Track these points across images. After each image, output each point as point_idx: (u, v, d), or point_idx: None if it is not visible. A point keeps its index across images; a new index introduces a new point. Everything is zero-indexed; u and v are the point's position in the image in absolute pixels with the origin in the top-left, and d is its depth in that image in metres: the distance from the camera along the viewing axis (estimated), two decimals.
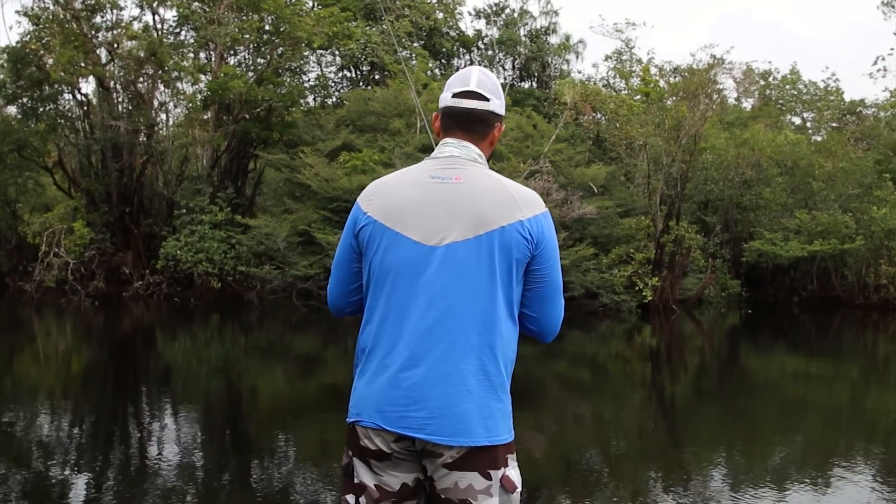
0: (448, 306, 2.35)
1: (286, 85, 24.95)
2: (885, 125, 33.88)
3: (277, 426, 9.11)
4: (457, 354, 2.34)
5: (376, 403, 2.37)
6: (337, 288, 2.67)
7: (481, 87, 2.52)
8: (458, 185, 2.42)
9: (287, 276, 20.51)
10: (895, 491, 7.05)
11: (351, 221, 2.53)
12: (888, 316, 24.25)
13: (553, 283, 2.50)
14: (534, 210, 2.43)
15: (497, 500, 2.36)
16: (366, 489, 2.42)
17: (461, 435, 2.31)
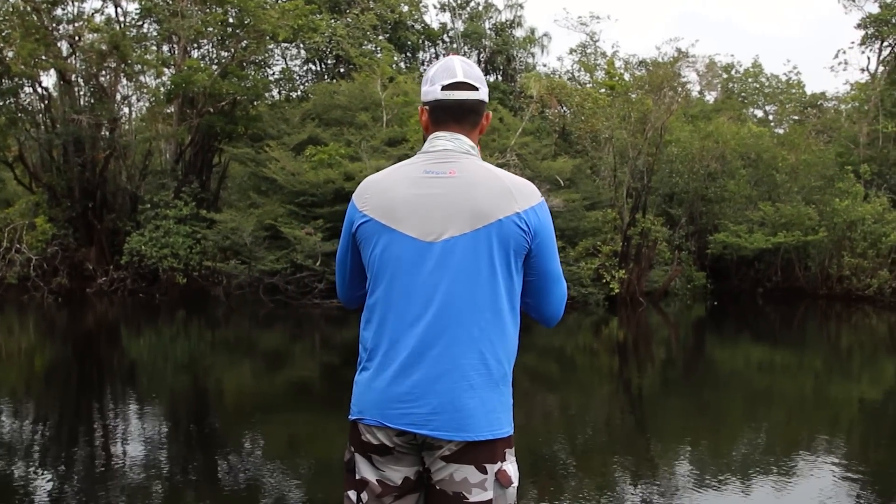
0: (448, 301, 2.34)
1: (251, 78, 24.77)
2: (847, 118, 34.29)
3: (244, 422, 9.06)
4: (458, 349, 2.34)
5: (378, 401, 2.38)
6: (342, 284, 2.71)
7: (469, 77, 2.51)
8: (454, 178, 2.42)
9: (254, 270, 20.39)
10: (857, 480, 7.16)
11: (348, 220, 2.52)
12: (851, 306, 24.56)
13: (552, 272, 2.51)
14: (530, 201, 2.42)
15: (491, 493, 2.36)
16: (367, 484, 2.43)
17: (464, 430, 2.32)
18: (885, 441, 9.00)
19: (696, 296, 26.06)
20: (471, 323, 2.34)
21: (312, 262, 19.69)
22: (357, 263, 2.55)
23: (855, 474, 7.33)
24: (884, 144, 30.00)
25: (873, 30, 33.50)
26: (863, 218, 25.36)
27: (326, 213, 20.12)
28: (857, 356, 16.33)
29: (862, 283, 25.57)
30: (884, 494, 6.74)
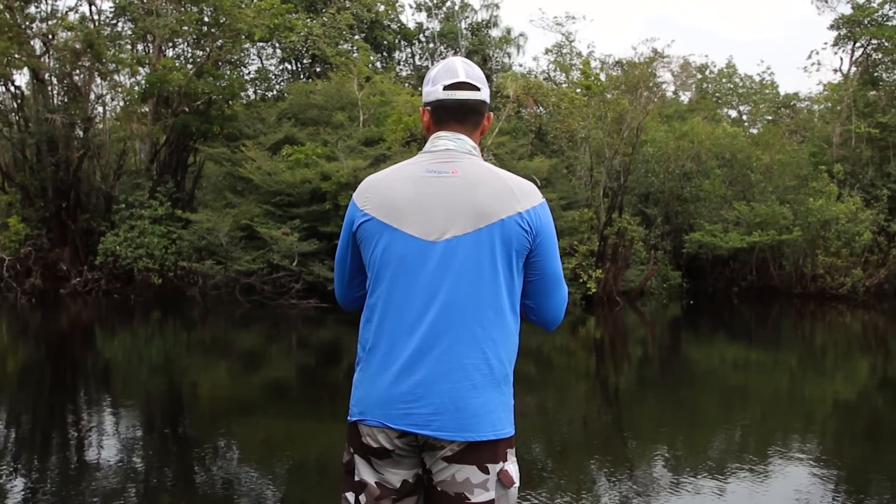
0: (450, 301, 2.34)
1: (226, 77, 24.65)
2: (820, 118, 34.57)
3: (220, 424, 9.01)
4: (460, 349, 2.33)
5: (380, 401, 2.37)
6: (340, 284, 2.69)
7: (471, 77, 2.51)
8: (456, 178, 2.41)
9: (230, 271, 20.30)
10: (831, 477, 7.22)
11: (348, 219, 2.52)
12: (825, 305, 24.78)
13: (553, 273, 2.53)
14: (532, 201, 2.43)
15: (493, 493, 2.36)
16: (366, 487, 2.42)
17: (466, 430, 2.32)
18: (858, 438, 9.09)
19: (672, 295, 26.19)
20: (473, 322, 2.34)
21: (289, 263, 19.62)
22: (357, 263, 2.54)
23: (829, 471, 7.40)
24: (856, 144, 30.27)
25: (846, 31, 33.78)
26: (836, 217, 25.61)
27: (303, 213, 20.07)
28: (832, 354, 16.47)
29: (836, 282, 25.83)
30: (857, 491, 6.80)
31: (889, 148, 29.92)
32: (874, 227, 26.39)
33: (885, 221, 27.11)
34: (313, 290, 19.94)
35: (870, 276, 26.24)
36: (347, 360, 14.17)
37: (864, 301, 25.45)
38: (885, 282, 26.80)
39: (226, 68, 25.59)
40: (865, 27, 32.80)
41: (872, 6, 32.57)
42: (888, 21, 32.35)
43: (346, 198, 19.74)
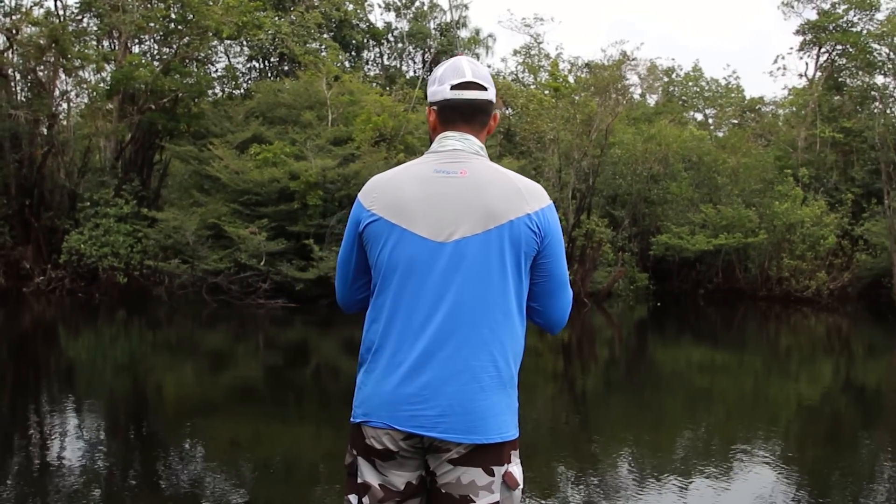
0: (459, 302, 2.32)
1: (194, 75, 24.45)
2: (785, 122, 34.93)
3: (185, 424, 8.91)
4: (468, 351, 2.32)
5: (386, 403, 2.34)
6: (343, 285, 2.63)
7: (478, 77, 2.49)
8: (464, 178, 2.40)
9: (196, 270, 20.13)
10: (794, 477, 7.29)
11: (353, 219, 2.48)
12: (790, 308, 25.02)
13: (559, 276, 2.50)
14: (540, 203, 2.42)
15: (498, 496, 2.34)
16: (370, 489, 2.40)
17: (474, 432, 2.30)
18: (820, 439, 9.19)
19: (639, 297, 26.33)
20: (482, 324, 2.33)
21: (257, 262, 19.50)
22: (363, 264, 2.51)
23: (791, 472, 7.47)
24: (821, 148, 30.62)
25: (811, 36, 34.16)
26: (802, 221, 25.88)
27: (271, 213, 19.95)
28: (796, 356, 16.63)
29: (800, 285, 26.09)
30: (819, 492, 6.86)
31: (853, 152, 30.30)
32: (838, 231, 26.69)
33: (849, 225, 27.43)
34: (281, 290, 19.83)
35: (834, 279, 26.53)
36: (315, 361, 14.13)
37: (828, 304, 25.73)
38: (848, 285, 27.11)
39: (193, 66, 25.39)
40: (830, 33, 33.18)
41: (837, 12, 32.96)
42: (853, 27, 32.75)
43: (315, 197, 19.72)
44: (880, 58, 29.34)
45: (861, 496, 6.81)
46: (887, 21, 26.62)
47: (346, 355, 14.84)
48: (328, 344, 16.18)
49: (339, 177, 19.96)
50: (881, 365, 16.27)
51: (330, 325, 18.35)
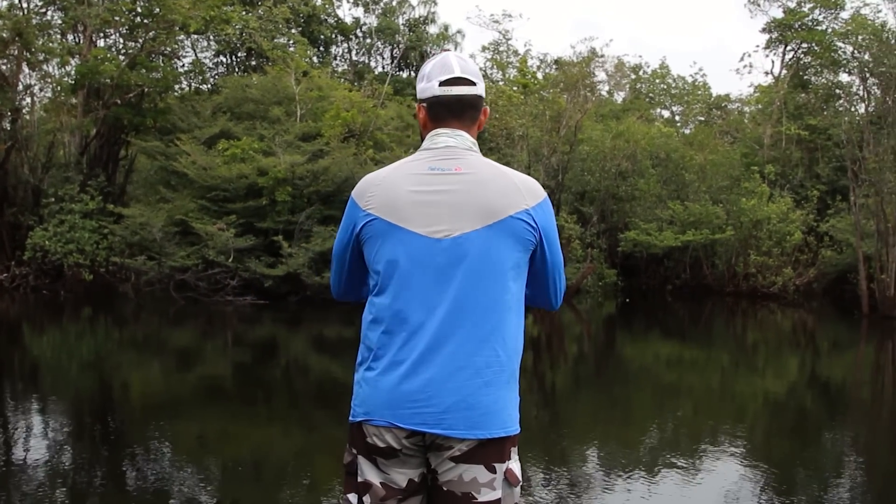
0: (460, 299, 2.33)
1: (160, 70, 24.20)
2: (751, 119, 35.21)
3: (152, 423, 8.81)
4: (471, 346, 2.32)
5: (389, 401, 2.34)
6: (339, 281, 2.66)
7: (466, 72, 2.49)
8: (460, 175, 2.40)
9: (164, 267, 19.93)
10: (760, 471, 7.36)
11: (349, 219, 2.49)
12: (756, 303, 25.24)
13: (556, 266, 2.53)
14: (536, 198, 2.43)
15: (500, 493, 2.35)
16: (371, 487, 2.39)
17: (478, 427, 2.31)
18: (786, 434, 9.27)
19: (608, 293, 26.44)
20: (483, 320, 2.34)
21: (225, 259, 19.36)
22: (358, 263, 2.51)
23: (758, 466, 7.55)
24: (787, 146, 30.89)
25: (777, 34, 34.46)
26: (768, 217, 26.12)
27: (239, 209, 19.81)
28: (762, 352, 16.78)
29: (767, 281, 26.34)
30: (784, 485, 6.93)
31: (818, 150, 30.59)
32: (804, 228, 26.96)
33: (815, 222, 27.71)
34: (249, 287, 19.71)
35: (799, 275, 26.81)
36: (284, 358, 14.05)
37: (794, 300, 25.98)
38: (813, 281, 27.40)
39: (159, 60, 25.13)
40: (796, 31, 33.50)
41: (803, 10, 33.29)
42: (818, 25, 33.07)
43: (284, 193, 19.60)
44: (845, 56, 29.60)
45: (825, 489, 6.90)
46: (852, 20, 26.88)
47: (315, 353, 14.79)
48: (297, 341, 16.10)
49: (308, 173, 19.86)
50: (846, 360, 16.48)
51: (299, 323, 18.27)
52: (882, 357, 16.47)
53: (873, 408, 11.29)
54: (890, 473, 7.62)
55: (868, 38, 23.56)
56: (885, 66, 22.26)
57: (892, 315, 21.07)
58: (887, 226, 21.63)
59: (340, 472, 2.52)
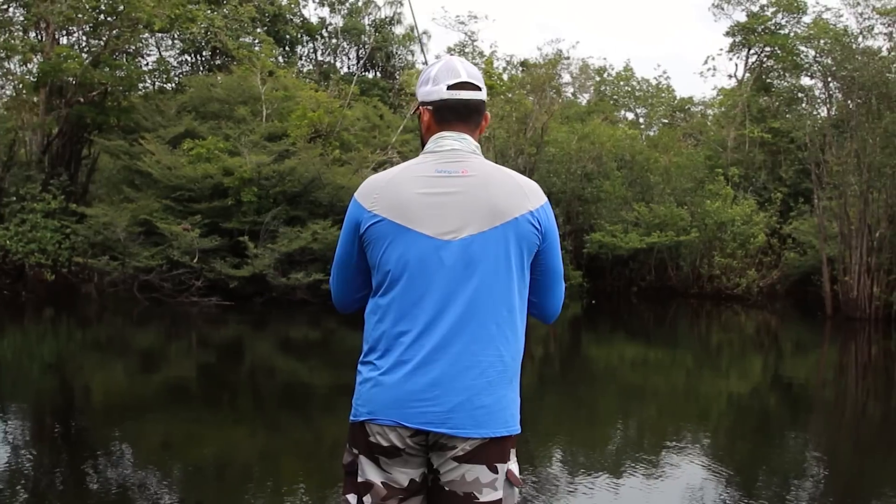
0: (467, 299, 2.36)
1: (124, 68, 23.95)
2: (715, 122, 35.53)
3: (115, 425, 8.71)
4: (477, 347, 2.36)
5: (394, 400, 2.36)
6: (342, 287, 2.65)
7: (472, 77, 2.54)
8: (467, 177, 2.43)
9: (127, 267, 19.68)
10: (724, 472, 7.42)
11: (352, 221, 2.50)
12: (720, 305, 25.45)
13: (557, 271, 2.58)
14: (539, 200, 2.49)
15: (501, 493, 2.40)
16: (372, 487, 2.41)
17: (483, 427, 2.35)
18: (750, 434, 9.38)
19: (573, 294, 26.49)
20: (489, 320, 2.37)
21: (189, 259, 19.18)
22: (362, 265, 2.52)
23: (721, 467, 7.62)
24: (750, 148, 31.21)
25: (741, 38, 34.83)
26: (732, 219, 26.34)
27: (204, 209, 19.63)
28: (727, 353, 16.93)
29: (731, 283, 26.56)
30: (747, 485, 7.00)
31: (780, 152, 30.93)
32: (767, 230, 27.23)
33: (778, 224, 28.00)
34: (215, 288, 19.54)
35: (763, 277, 27.08)
36: (249, 360, 13.95)
37: (758, 301, 26.22)
38: (777, 282, 27.69)
39: (123, 58, 24.86)
40: (759, 35, 33.86)
41: (766, 14, 33.68)
42: (781, 29, 33.48)
43: (249, 193, 19.46)
44: (807, 60, 29.94)
45: (788, 489, 6.97)
46: (813, 24, 27.19)
47: (281, 354, 14.71)
48: (263, 343, 16.00)
49: (274, 173, 19.73)
50: (809, 361, 16.68)
51: (265, 324, 18.16)
52: (845, 358, 16.67)
53: (836, 408, 11.43)
54: (852, 473, 7.71)
55: (830, 42, 23.82)
56: (846, 70, 22.53)
57: (856, 316, 21.35)
58: (850, 228, 21.91)
59: (340, 472, 2.52)
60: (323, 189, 20.17)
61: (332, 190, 20.10)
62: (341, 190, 20.05)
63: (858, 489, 6.97)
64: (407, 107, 26.48)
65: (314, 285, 19.25)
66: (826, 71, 24.42)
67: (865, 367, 15.24)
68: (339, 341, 16.23)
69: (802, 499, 6.80)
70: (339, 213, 20.09)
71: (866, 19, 23.29)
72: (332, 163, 20.56)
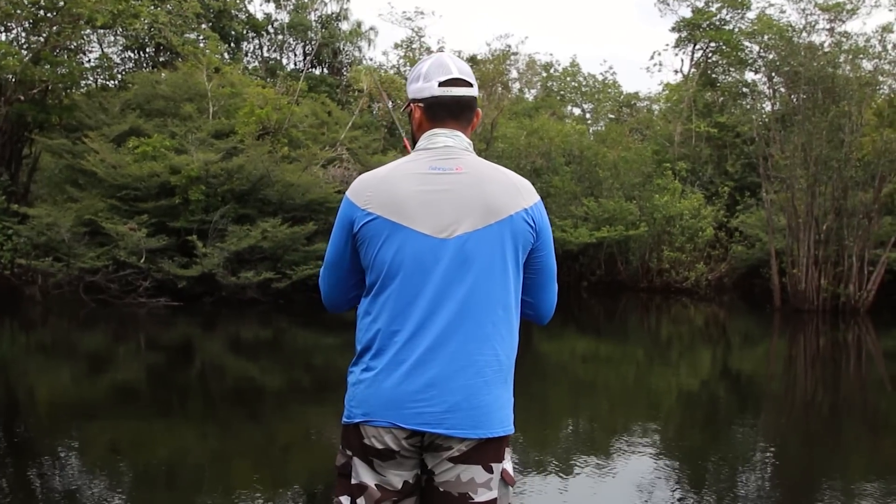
0: (463, 298, 2.34)
1: (65, 65, 23.48)
2: (661, 117, 35.87)
3: (62, 430, 8.51)
4: (473, 346, 2.34)
5: (390, 401, 2.33)
6: (334, 288, 2.60)
7: (463, 74, 2.52)
8: (461, 175, 2.41)
9: (73, 269, 19.29)
10: (674, 464, 7.48)
11: (345, 219, 2.46)
12: (670, 298, 25.70)
13: (550, 269, 2.56)
14: (533, 198, 2.47)
15: (496, 493, 2.39)
16: (366, 489, 2.39)
17: (480, 427, 2.33)
18: (700, 427, 9.47)
19: None
20: (485, 319, 2.35)
21: (136, 259, 18.86)
22: (355, 264, 2.49)
23: (672, 459, 7.69)
24: (696, 143, 31.55)
25: (686, 33, 35.18)
26: (680, 213, 26.61)
27: (151, 208, 19.33)
28: (677, 346, 17.08)
29: (680, 276, 26.86)
30: (697, 477, 7.07)
31: (726, 147, 31.32)
32: (715, 223, 27.55)
33: (725, 217, 28.35)
34: (163, 289, 19.24)
35: (711, 270, 27.40)
36: (199, 361, 13.75)
37: (706, 294, 26.54)
38: (725, 275, 28.05)
39: (65, 55, 24.38)
40: (704, 30, 34.24)
41: (711, 10, 34.06)
42: (725, 25, 33.87)
43: (197, 192, 19.19)
44: (751, 55, 30.35)
45: (737, 480, 7.05)
46: (757, 19, 27.54)
47: (232, 354, 14.52)
48: (213, 343, 15.79)
49: (222, 171, 19.48)
50: (758, 353, 16.88)
51: (214, 324, 17.94)
52: (794, 349, 16.92)
53: (785, 399, 11.58)
54: (800, 463, 7.80)
55: (773, 37, 24.15)
56: (790, 66, 22.85)
57: (804, 308, 21.70)
58: (798, 221, 22.25)
59: (333, 473, 2.49)
60: (272, 186, 19.97)
61: (281, 187, 19.92)
62: (291, 187, 19.88)
63: (807, 479, 7.05)
64: (355, 103, 26.33)
65: (264, 284, 19.07)
66: (770, 66, 24.76)
67: (814, 358, 15.47)
68: (290, 340, 16.09)
69: (751, 489, 6.86)
70: (288, 211, 19.94)
71: (809, 15, 23.63)
72: (281, 160, 20.36)
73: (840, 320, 20.64)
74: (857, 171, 22.10)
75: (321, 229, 20.02)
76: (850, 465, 7.72)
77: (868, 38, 23.19)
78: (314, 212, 20.43)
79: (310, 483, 6.78)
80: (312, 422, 9.08)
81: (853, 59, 22.65)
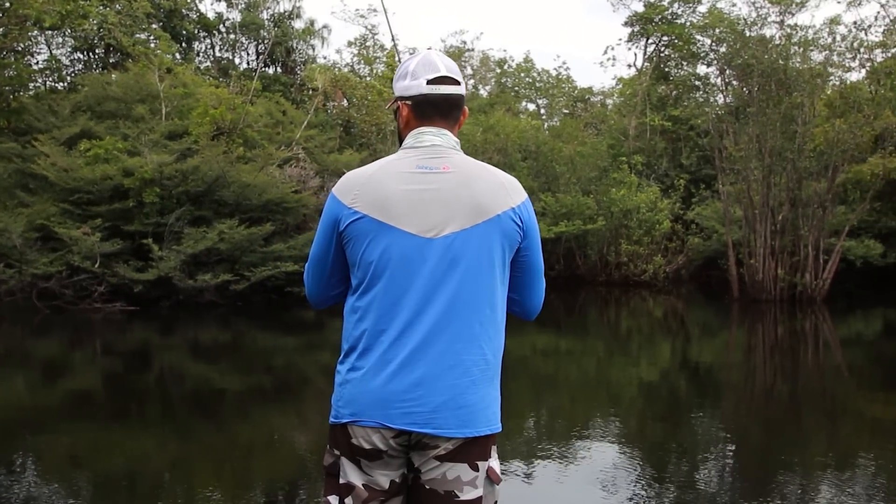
0: (450, 297, 2.34)
1: (13, 67, 23.07)
2: (616, 111, 36.11)
3: (17, 440, 8.32)
4: (460, 345, 2.34)
5: (378, 400, 2.33)
6: (318, 284, 2.59)
7: (451, 72, 2.51)
8: (448, 174, 2.40)
9: (25, 275, 18.94)
10: (636, 455, 7.52)
11: (330, 218, 2.44)
12: (629, 292, 25.87)
13: (538, 267, 2.58)
14: (521, 197, 2.47)
15: (482, 491, 2.40)
16: (354, 489, 2.39)
17: (466, 426, 2.34)
18: (660, 418, 9.53)
19: None
20: (472, 318, 2.36)
21: (91, 264, 18.56)
22: (340, 262, 2.49)
23: (633, 451, 7.73)
24: (651, 136, 31.79)
25: (639, 28, 35.41)
26: (637, 207, 26.79)
27: (105, 212, 19.04)
28: (636, 339, 17.18)
29: (638, 269, 27.06)
30: (659, 468, 7.11)
31: (681, 140, 31.61)
32: (671, 216, 27.77)
33: (681, 210, 28.59)
34: (118, 293, 18.96)
35: (669, 262, 27.63)
36: (158, 366, 13.55)
37: (664, 286, 26.75)
38: (682, 268, 28.31)
39: (12, 57, 23.95)
40: (657, 24, 34.49)
41: (663, 4, 34.34)
42: (677, 19, 34.16)
43: (151, 194, 18.94)
44: (703, 49, 30.67)
45: (698, 469, 7.11)
46: (709, 13, 27.87)
47: (190, 359, 14.35)
48: (171, 348, 15.59)
49: (176, 172, 19.23)
50: (717, 343, 17.04)
51: (172, 328, 17.71)
52: (753, 339, 17.09)
53: (745, 388, 11.68)
54: (760, 451, 7.85)
55: (725, 31, 24.40)
56: (741, 59, 23.09)
57: (761, 298, 21.95)
58: (754, 212, 22.48)
59: (321, 473, 2.48)
60: (228, 188, 19.77)
61: (237, 188, 19.73)
62: (247, 188, 19.70)
63: (767, 466, 7.09)
64: (310, 102, 26.17)
65: (222, 286, 18.87)
66: (722, 59, 24.99)
67: (772, 348, 15.64)
68: (249, 343, 15.94)
69: (713, 477, 6.92)
70: (245, 212, 19.75)
71: (759, 8, 23.90)
72: (237, 160, 20.17)
73: (797, 309, 20.89)
74: (810, 161, 22.39)
75: (279, 230, 19.87)
76: (809, 452, 7.80)
77: (817, 31, 23.55)
78: (271, 212, 20.28)
79: (271, 486, 6.70)
80: (274, 424, 8.98)
81: (804, 52, 22.94)
